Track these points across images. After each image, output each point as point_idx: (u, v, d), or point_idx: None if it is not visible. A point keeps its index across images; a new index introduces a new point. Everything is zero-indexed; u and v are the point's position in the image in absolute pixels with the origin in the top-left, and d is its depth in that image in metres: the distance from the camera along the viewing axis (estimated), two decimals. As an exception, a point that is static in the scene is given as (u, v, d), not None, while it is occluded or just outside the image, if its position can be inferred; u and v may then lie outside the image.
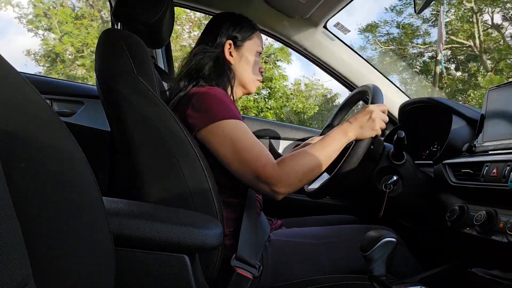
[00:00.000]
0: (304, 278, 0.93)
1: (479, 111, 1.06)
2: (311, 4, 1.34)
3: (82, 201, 0.43)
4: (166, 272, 0.61)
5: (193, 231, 0.61)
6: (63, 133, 0.42)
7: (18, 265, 0.31)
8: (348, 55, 1.56)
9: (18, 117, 0.37)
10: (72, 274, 0.41)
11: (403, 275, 0.99)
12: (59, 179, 0.40)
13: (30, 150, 0.37)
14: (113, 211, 0.60)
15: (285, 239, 1.00)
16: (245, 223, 0.93)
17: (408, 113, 1.35)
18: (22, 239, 0.32)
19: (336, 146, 0.92)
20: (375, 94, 1.01)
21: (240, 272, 0.87)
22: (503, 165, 0.83)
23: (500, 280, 0.88)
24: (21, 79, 0.38)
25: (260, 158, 0.85)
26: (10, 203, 0.32)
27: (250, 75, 1.08)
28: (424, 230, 1.24)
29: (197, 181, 0.83)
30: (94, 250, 0.45)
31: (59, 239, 0.40)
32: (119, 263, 0.57)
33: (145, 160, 0.83)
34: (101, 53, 0.88)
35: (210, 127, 0.87)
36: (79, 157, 0.43)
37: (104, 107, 0.90)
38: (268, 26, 1.52)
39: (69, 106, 1.50)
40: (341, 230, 1.06)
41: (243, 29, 1.06)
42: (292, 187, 0.87)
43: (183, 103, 0.92)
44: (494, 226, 0.83)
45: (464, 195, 0.98)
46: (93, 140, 1.47)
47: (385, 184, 1.05)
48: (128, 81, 0.84)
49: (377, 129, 0.94)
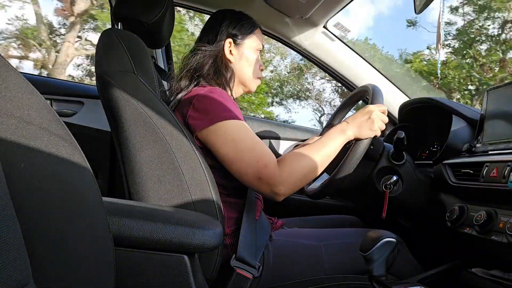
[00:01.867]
0: (304, 278, 0.93)
1: (479, 111, 1.06)
2: (311, 4, 1.34)
3: (82, 201, 0.43)
4: (165, 272, 0.61)
5: (193, 231, 0.61)
6: (63, 133, 0.42)
7: (18, 265, 0.31)
8: (348, 55, 1.56)
9: (18, 118, 0.37)
10: (72, 274, 0.41)
11: (403, 275, 0.99)
12: (59, 179, 0.40)
13: (30, 151, 0.37)
14: (113, 211, 0.60)
15: (286, 239, 1.00)
16: (245, 223, 0.93)
17: (408, 113, 1.35)
18: (22, 239, 0.32)
19: (336, 145, 0.92)
20: (375, 94, 1.01)
21: (240, 272, 0.87)
22: (503, 165, 0.83)
23: (500, 280, 0.88)
24: (21, 79, 0.38)
25: (262, 159, 0.85)
26: (10, 203, 0.32)
27: (250, 74, 1.07)
28: (424, 230, 1.24)
29: (197, 181, 0.83)
30: (94, 250, 0.45)
31: (59, 239, 0.40)
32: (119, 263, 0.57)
33: (145, 160, 0.83)
34: (101, 53, 0.88)
35: (211, 128, 0.87)
36: (79, 157, 0.43)
37: (104, 107, 0.90)
38: (268, 26, 1.52)
39: (69, 106, 1.50)
40: (342, 232, 1.06)
41: (243, 27, 1.05)
42: (293, 188, 0.87)
43: (184, 104, 0.92)
44: (494, 226, 0.83)
45: (464, 195, 0.98)
46: (93, 140, 1.48)
47: (385, 184, 1.05)
48: (128, 81, 0.84)
49: (376, 130, 0.94)
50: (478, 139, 1.01)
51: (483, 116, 1.01)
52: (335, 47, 1.55)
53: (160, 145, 0.83)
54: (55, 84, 1.56)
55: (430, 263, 1.07)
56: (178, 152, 0.83)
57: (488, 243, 0.84)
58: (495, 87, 1.01)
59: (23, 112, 0.38)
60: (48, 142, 0.39)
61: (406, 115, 1.36)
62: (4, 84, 0.36)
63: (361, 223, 1.30)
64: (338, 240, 1.01)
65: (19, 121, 0.37)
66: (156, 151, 0.83)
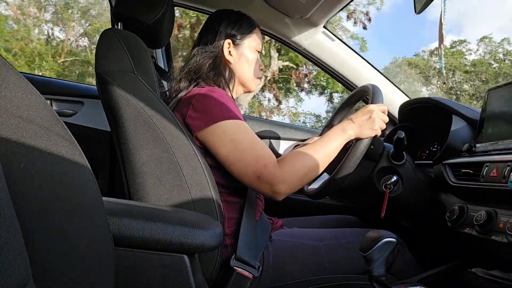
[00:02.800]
0: (304, 279, 0.93)
1: (479, 111, 1.06)
2: (311, 4, 1.33)
3: (82, 201, 0.43)
4: (165, 272, 0.61)
5: (192, 231, 0.61)
6: (63, 133, 0.42)
7: (18, 265, 0.31)
8: (348, 55, 1.56)
9: (18, 118, 0.37)
10: (72, 274, 0.41)
11: (403, 275, 0.99)
12: (59, 179, 0.40)
13: (30, 151, 0.37)
14: (113, 211, 0.60)
15: (286, 239, 1.00)
16: (245, 223, 0.93)
17: (408, 113, 1.35)
18: (22, 239, 0.32)
19: (336, 145, 0.92)
20: (375, 94, 1.01)
21: (240, 272, 0.87)
22: (503, 165, 0.83)
23: (500, 280, 0.88)
24: (21, 79, 0.38)
25: (261, 159, 0.85)
26: (10, 203, 0.32)
27: (250, 74, 1.07)
28: (424, 230, 1.24)
29: (197, 181, 0.83)
30: (94, 250, 0.45)
31: (59, 239, 0.40)
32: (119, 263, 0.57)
33: (145, 160, 0.83)
34: (101, 53, 0.88)
35: (210, 128, 0.87)
36: (79, 157, 0.43)
37: (104, 107, 0.91)
38: (268, 26, 1.52)
39: (69, 106, 1.50)
40: (342, 232, 1.06)
41: (241, 27, 1.04)
42: (293, 187, 0.87)
43: (183, 104, 0.92)
44: (494, 226, 0.83)
45: (464, 195, 0.98)
46: (93, 140, 1.48)
47: (385, 184, 1.05)
48: (128, 81, 0.84)
49: (377, 129, 0.94)
50: (478, 139, 1.01)
51: (483, 116, 1.01)
52: (335, 47, 1.55)
53: (160, 145, 0.83)
54: (55, 84, 1.56)
55: (430, 263, 1.07)
56: (178, 152, 0.83)
57: (488, 243, 0.84)
58: (495, 87, 1.01)
59: (23, 112, 0.38)
60: (48, 142, 0.40)
61: (406, 115, 1.36)
62: (4, 84, 0.36)
63: (361, 223, 1.30)
64: (338, 240, 1.01)
65: (19, 121, 0.37)
66: (156, 151, 0.83)
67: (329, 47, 1.55)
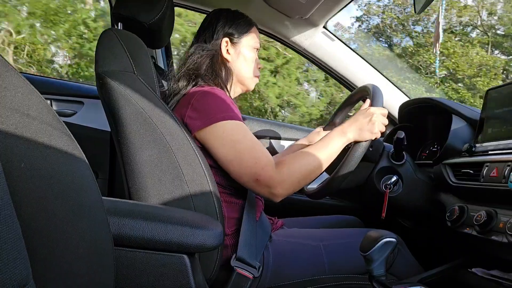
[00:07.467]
0: (304, 278, 0.93)
1: (479, 111, 1.06)
2: (311, 4, 1.33)
3: (82, 201, 0.43)
4: (165, 272, 0.61)
5: (193, 231, 0.61)
6: (63, 133, 0.42)
7: (18, 265, 0.31)
8: (348, 55, 1.56)
9: (18, 117, 0.37)
10: (72, 274, 0.41)
11: (403, 275, 0.99)
12: (59, 179, 0.40)
13: (30, 150, 0.37)
14: (113, 211, 0.60)
15: (286, 239, 1.00)
16: (245, 223, 0.93)
17: (408, 113, 1.35)
18: (22, 239, 0.32)
19: (335, 147, 0.92)
20: (375, 94, 1.01)
21: (240, 272, 0.87)
22: (503, 165, 0.83)
23: (500, 280, 0.88)
24: (21, 79, 0.38)
25: (260, 160, 0.85)
26: (10, 203, 0.32)
27: (248, 72, 1.07)
28: (424, 230, 1.24)
29: (197, 181, 0.83)
30: (94, 250, 0.45)
31: (59, 239, 0.40)
32: (119, 263, 0.58)
33: (145, 160, 0.83)
34: (101, 53, 0.88)
35: (209, 128, 0.87)
36: (79, 157, 0.43)
37: (104, 107, 0.91)
38: (268, 26, 1.52)
39: (69, 106, 1.50)
40: (342, 232, 1.06)
41: (239, 26, 1.04)
42: (291, 189, 0.87)
43: (182, 104, 0.92)
44: (494, 226, 0.83)
45: (464, 195, 0.98)
46: (93, 140, 1.48)
47: (385, 184, 1.05)
48: (128, 81, 0.84)
49: (377, 132, 0.94)
50: (478, 139, 1.01)
51: (483, 116, 1.01)
52: (335, 47, 1.55)
53: (160, 145, 0.83)
54: (55, 84, 1.56)
55: (430, 263, 1.07)
56: (178, 152, 0.83)
57: (488, 243, 0.84)
58: (495, 87, 1.01)
59: (23, 112, 0.38)
60: (48, 141, 0.39)
61: (406, 115, 1.36)
62: (4, 84, 0.36)
63: (361, 223, 1.30)
64: (338, 240, 1.01)
65: (19, 120, 0.37)
66: (156, 151, 0.83)
67: (329, 47, 1.55)
